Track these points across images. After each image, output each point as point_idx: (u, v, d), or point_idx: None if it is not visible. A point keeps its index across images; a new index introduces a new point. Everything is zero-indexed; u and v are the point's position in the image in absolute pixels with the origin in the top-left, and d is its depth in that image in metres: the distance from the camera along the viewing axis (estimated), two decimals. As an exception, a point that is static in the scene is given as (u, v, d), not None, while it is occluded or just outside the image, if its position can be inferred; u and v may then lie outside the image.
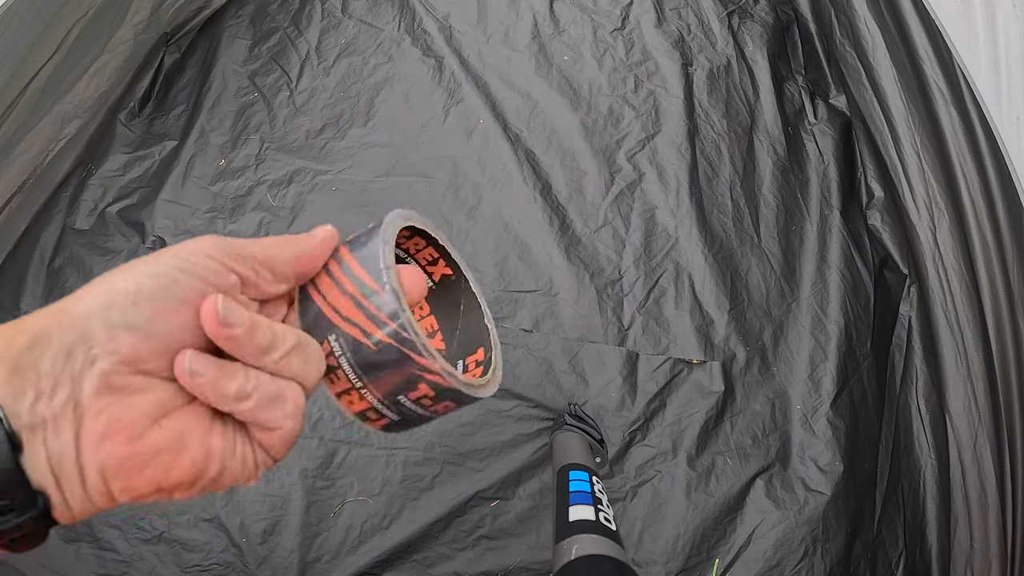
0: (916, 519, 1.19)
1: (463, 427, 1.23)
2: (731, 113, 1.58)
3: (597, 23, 1.68)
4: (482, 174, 1.48)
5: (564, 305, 1.34)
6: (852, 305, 1.38)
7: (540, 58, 1.63)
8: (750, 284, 1.40)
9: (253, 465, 0.23)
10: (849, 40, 1.50)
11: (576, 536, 0.78)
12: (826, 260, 1.43)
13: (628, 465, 1.22)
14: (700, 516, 1.18)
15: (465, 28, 1.67)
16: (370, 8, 1.72)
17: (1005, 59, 1.07)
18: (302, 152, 1.52)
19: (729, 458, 1.23)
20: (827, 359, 1.32)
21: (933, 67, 1.22)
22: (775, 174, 1.52)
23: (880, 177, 1.46)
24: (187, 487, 0.21)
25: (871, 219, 1.46)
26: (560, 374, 1.28)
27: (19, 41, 1.19)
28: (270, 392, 0.22)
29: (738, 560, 1.16)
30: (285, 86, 1.61)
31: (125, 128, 1.53)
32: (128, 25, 1.46)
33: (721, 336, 1.33)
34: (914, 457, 1.23)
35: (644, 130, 1.54)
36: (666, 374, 1.29)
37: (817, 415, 1.27)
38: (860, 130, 1.52)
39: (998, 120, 1.07)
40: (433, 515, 1.16)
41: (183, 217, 1.43)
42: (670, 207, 1.45)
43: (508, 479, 1.19)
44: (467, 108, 1.56)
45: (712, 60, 1.64)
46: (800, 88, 1.66)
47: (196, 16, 1.64)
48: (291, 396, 0.22)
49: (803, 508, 1.19)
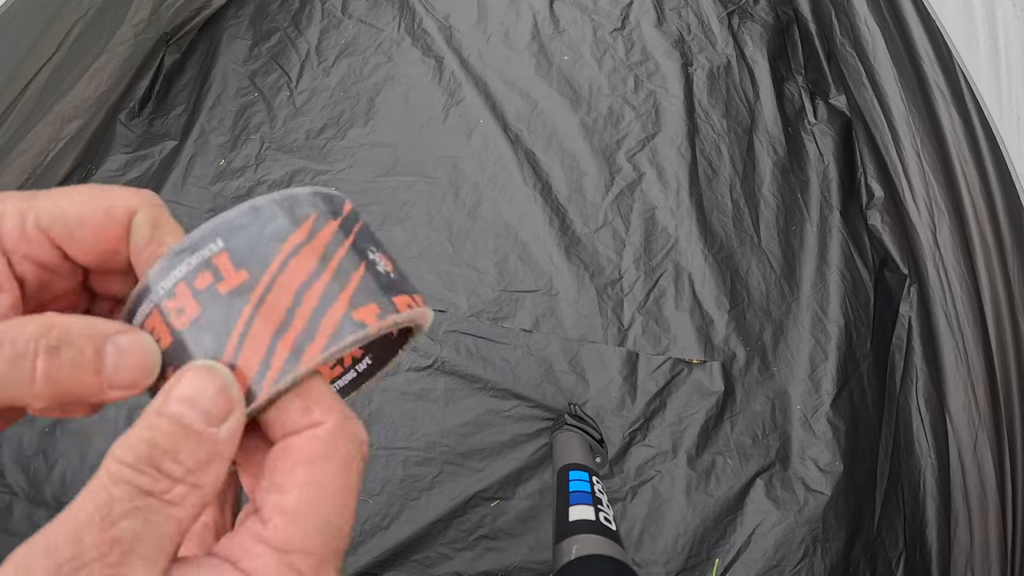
0: (916, 519, 1.19)
1: (463, 427, 1.23)
2: (731, 113, 1.58)
3: (597, 23, 1.68)
4: (482, 174, 1.48)
5: (564, 305, 1.34)
6: (852, 305, 1.38)
7: (540, 58, 1.63)
8: (750, 284, 1.40)
9: None
10: (849, 40, 1.50)
11: (576, 536, 0.78)
12: (826, 260, 1.43)
13: (628, 465, 1.22)
14: (700, 516, 1.18)
15: (465, 28, 1.67)
16: (370, 8, 1.72)
17: (1005, 59, 1.07)
18: (302, 152, 1.52)
19: (729, 458, 1.23)
20: (827, 359, 1.32)
21: (933, 67, 1.22)
22: (775, 174, 1.52)
23: (880, 177, 1.46)
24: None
25: (871, 219, 1.46)
26: (560, 374, 1.28)
27: (19, 41, 1.19)
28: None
29: (738, 560, 1.16)
30: (285, 86, 1.61)
31: (125, 128, 1.53)
32: (128, 25, 1.46)
33: (721, 336, 1.33)
34: (914, 457, 1.23)
35: (644, 130, 1.54)
36: (666, 374, 1.29)
37: (817, 415, 1.27)
38: (860, 130, 1.52)
39: (998, 120, 1.07)
40: (433, 515, 1.16)
41: (183, 217, 1.43)
42: (670, 207, 1.45)
43: (508, 479, 1.19)
44: (467, 108, 1.56)
45: (712, 60, 1.64)
46: (800, 88, 1.66)
47: (196, 16, 1.64)
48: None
49: (803, 508, 1.19)
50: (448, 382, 1.26)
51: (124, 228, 0.18)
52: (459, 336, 1.30)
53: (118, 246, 0.18)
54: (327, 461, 0.16)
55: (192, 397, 0.15)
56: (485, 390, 1.26)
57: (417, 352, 1.28)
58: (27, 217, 0.17)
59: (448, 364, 1.27)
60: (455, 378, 1.26)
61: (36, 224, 0.17)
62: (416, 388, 1.26)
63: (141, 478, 0.14)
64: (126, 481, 0.14)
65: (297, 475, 0.16)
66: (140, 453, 0.15)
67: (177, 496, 0.15)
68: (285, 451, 0.16)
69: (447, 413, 1.24)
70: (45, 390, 0.15)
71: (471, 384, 1.26)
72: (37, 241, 0.17)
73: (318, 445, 0.16)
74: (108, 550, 0.14)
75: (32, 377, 0.15)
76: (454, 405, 1.25)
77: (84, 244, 0.18)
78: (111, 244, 0.18)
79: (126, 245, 0.18)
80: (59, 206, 0.17)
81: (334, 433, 0.16)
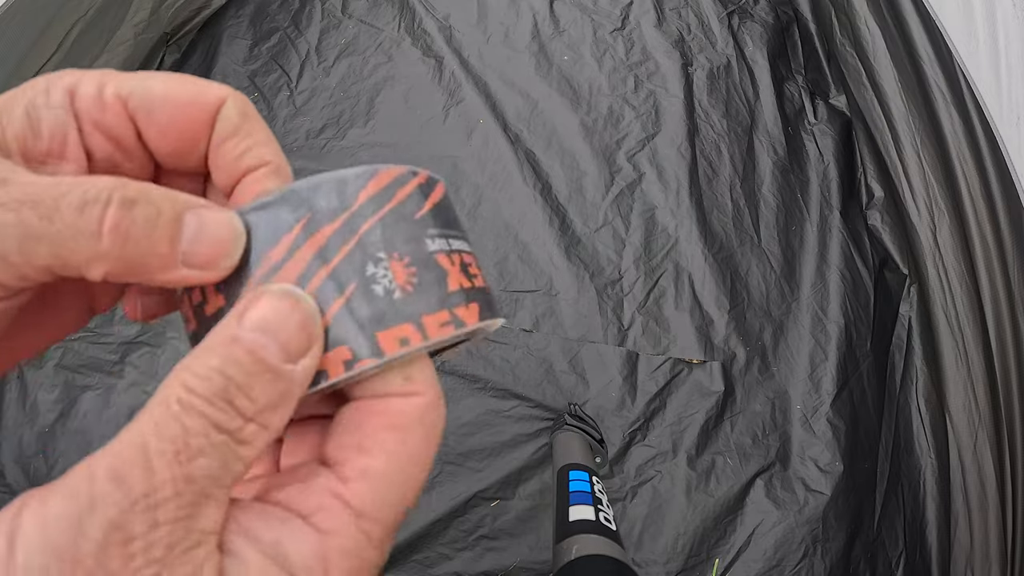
0: (916, 519, 1.19)
1: (463, 427, 1.23)
2: (731, 113, 1.58)
3: (597, 23, 1.68)
4: (482, 174, 1.48)
5: (564, 305, 1.34)
6: (852, 305, 1.39)
7: (540, 58, 1.63)
8: (750, 284, 1.40)
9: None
10: (849, 40, 1.50)
11: (576, 536, 0.78)
12: (826, 260, 1.43)
13: (628, 465, 1.22)
14: (700, 516, 1.18)
15: (465, 28, 1.67)
16: (370, 8, 1.72)
17: (1005, 59, 1.07)
18: (302, 152, 1.52)
19: (729, 458, 1.23)
20: (827, 359, 1.32)
21: (933, 67, 1.22)
22: (775, 174, 1.52)
23: (880, 177, 1.46)
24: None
25: (871, 219, 1.46)
26: (560, 374, 1.28)
27: (19, 41, 1.19)
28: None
29: (738, 560, 1.16)
30: (285, 86, 1.61)
31: (125, 128, 1.53)
32: (128, 25, 1.46)
33: (721, 336, 1.33)
34: (914, 457, 1.23)
35: (644, 130, 1.54)
36: (666, 374, 1.29)
37: (817, 415, 1.27)
38: (860, 130, 1.52)
39: (998, 120, 1.07)
40: (433, 515, 1.16)
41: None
42: (670, 207, 1.45)
43: (508, 479, 1.19)
44: (467, 108, 1.56)
45: (712, 60, 1.64)
46: (800, 88, 1.66)
47: (196, 16, 1.64)
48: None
49: (803, 508, 1.19)
50: (448, 382, 1.26)
51: (210, 115, 0.16)
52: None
53: (199, 134, 0.16)
54: (420, 431, 0.15)
55: (270, 325, 0.14)
56: (485, 390, 1.26)
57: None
58: (107, 85, 0.16)
59: (448, 364, 1.27)
60: (455, 378, 1.26)
61: (116, 92, 0.16)
62: (416, 388, 1.25)
63: (219, 414, 0.13)
64: (201, 414, 0.13)
65: (388, 441, 0.15)
66: (215, 385, 0.13)
67: (249, 435, 0.13)
68: (375, 412, 0.15)
69: (447, 413, 1.24)
70: (111, 248, 0.13)
71: (471, 384, 1.26)
72: (113, 110, 0.16)
73: (415, 414, 0.15)
74: (184, 488, 0.12)
75: (99, 229, 0.13)
76: (454, 405, 1.25)
77: (164, 124, 0.16)
78: (193, 130, 0.16)
79: (207, 137, 0.16)
80: (144, 82, 0.16)
81: (430, 405, 0.16)
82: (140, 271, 0.14)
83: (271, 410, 0.14)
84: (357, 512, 0.14)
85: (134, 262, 0.14)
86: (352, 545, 0.14)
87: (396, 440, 0.15)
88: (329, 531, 0.14)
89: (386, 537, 0.15)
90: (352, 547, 0.14)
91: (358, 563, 0.14)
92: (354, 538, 0.14)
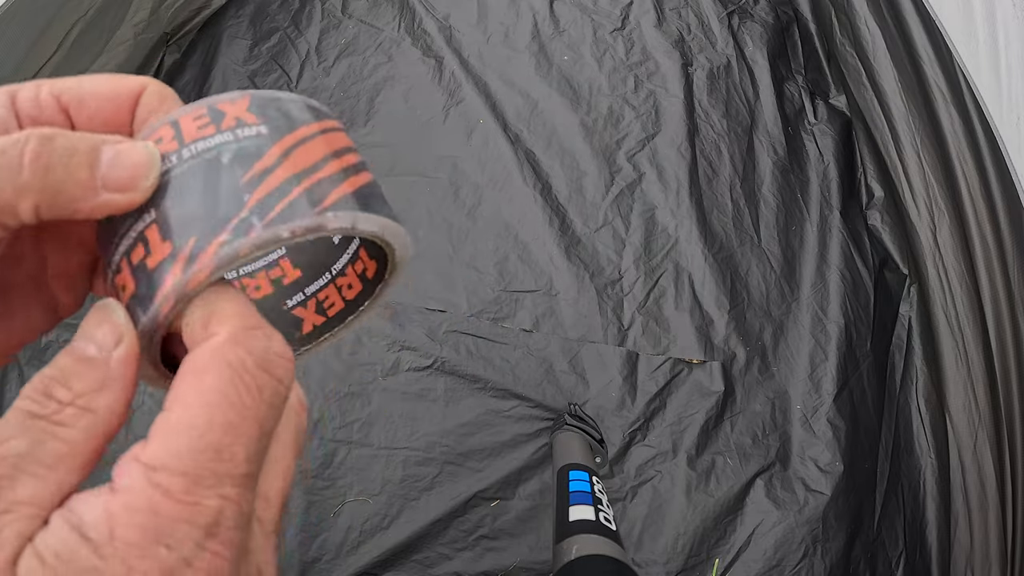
0: (916, 519, 1.19)
1: (463, 427, 1.23)
2: (731, 113, 1.58)
3: (597, 23, 1.68)
4: (482, 174, 1.48)
5: (564, 305, 1.34)
6: (852, 305, 1.39)
7: (540, 58, 1.63)
8: (750, 284, 1.40)
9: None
10: (849, 40, 1.50)
11: (576, 536, 0.78)
12: (826, 260, 1.43)
13: (628, 465, 1.22)
14: (700, 516, 1.18)
15: (465, 28, 1.67)
16: (370, 8, 1.72)
17: (1005, 59, 1.08)
18: (302, 152, 1.52)
19: (729, 458, 1.23)
20: (827, 359, 1.32)
21: (933, 67, 1.22)
22: (775, 174, 1.52)
23: (880, 177, 1.46)
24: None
25: (871, 219, 1.46)
26: (560, 374, 1.28)
27: (19, 41, 1.19)
28: None
29: (738, 560, 1.16)
30: (285, 86, 1.61)
31: (125, 128, 1.53)
32: (128, 25, 1.46)
33: (721, 336, 1.33)
34: (914, 457, 1.23)
35: (644, 130, 1.54)
36: (666, 374, 1.29)
37: (817, 415, 1.27)
38: (860, 130, 1.52)
39: (998, 120, 1.07)
40: (433, 515, 1.16)
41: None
42: (670, 207, 1.45)
43: (508, 479, 1.19)
44: (467, 108, 1.56)
45: (712, 60, 1.64)
46: (800, 88, 1.66)
47: (196, 16, 1.64)
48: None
49: (803, 508, 1.19)
50: (448, 382, 1.26)
51: (131, 100, 0.18)
52: (459, 336, 1.30)
53: (124, 118, 0.18)
54: (217, 370, 0.15)
55: (87, 331, 0.16)
56: (485, 390, 1.26)
57: (417, 352, 1.28)
58: (43, 87, 0.18)
59: (448, 364, 1.27)
60: (455, 378, 1.26)
61: (50, 91, 0.18)
62: (416, 388, 1.26)
63: (31, 404, 0.15)
64: (17, 408, 0.15)
65: (178, 390, 0.15)
66: (35, 385, 0.15)
67: (67, 417, 0.15)
68: (182, 371, 0.15)
69: (447, 413, 1.24)
70: (33, 178, 0.15)
71: (471, 384, 1.26)
72: (48, 107, 0.18)
73: (203, 357, 0.15)
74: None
75: (21, 162, 0.15)
76: (454, 405, 1.25)
77: (92, 112, 0.18)
78: (118, 115, 0.18)
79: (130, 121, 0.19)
80: (76, 80, 0.18)
81: (224, 343, 0.15)
82: (65, 201, 0.15)
83: (91, 393, 0.15)
84: (148, 466, 0.14)
85: (57, 191, 0.15)
86: (142, 500, 0.14)
87: (186, 387, 0.15)
88: (119, 489, 0.14)
89: (195, 485, 0.14)
90: (142, 502, 0.14)
91: (153, 518, 0.14)
92: (144, 492, 0.14)
